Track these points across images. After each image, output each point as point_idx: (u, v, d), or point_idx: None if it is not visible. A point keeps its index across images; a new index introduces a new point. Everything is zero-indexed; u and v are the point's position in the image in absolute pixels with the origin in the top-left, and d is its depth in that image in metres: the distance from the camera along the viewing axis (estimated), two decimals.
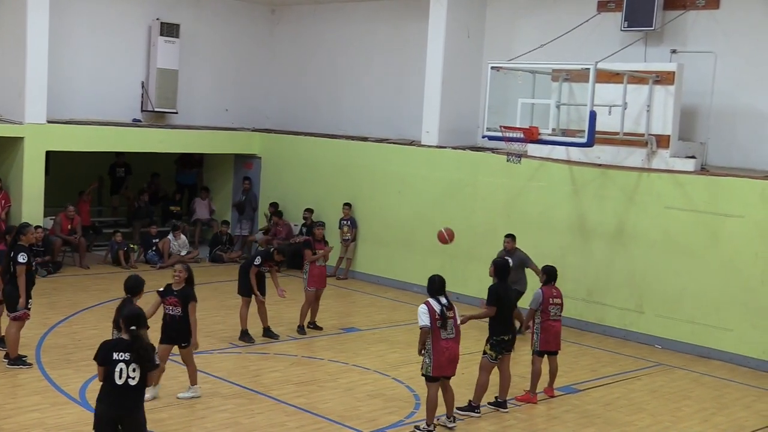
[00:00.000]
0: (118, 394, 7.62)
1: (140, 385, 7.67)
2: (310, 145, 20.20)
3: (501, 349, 10.84)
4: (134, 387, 7.62)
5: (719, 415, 11.52)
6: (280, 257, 13.90)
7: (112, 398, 7.64)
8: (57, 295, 15.56)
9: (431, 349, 9.95)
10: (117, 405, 7.63)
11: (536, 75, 15.07)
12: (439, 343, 9.93)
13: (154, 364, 7.76)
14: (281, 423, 10.24)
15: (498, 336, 10.80)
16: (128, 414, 7.66)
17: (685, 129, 15.14)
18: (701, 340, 14.31)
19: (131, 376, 7.59)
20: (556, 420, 11.03)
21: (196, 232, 21.07)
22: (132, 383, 7.60)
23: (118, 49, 19.69)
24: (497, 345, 10.81)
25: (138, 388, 7.66)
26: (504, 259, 11.29)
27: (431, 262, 16.41)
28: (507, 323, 10.92)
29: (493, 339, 10.82)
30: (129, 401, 7.65)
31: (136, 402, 7.71)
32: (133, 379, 7.60)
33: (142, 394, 7.79)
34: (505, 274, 11.04)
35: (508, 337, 10.87)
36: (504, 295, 10.91)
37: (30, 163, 17.75)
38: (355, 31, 20.47)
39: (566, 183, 15.81)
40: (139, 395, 7.72)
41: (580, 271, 15.48)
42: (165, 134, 19.74)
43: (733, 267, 13.96)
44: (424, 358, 10.05)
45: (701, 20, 15.24)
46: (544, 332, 11.54)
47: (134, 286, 9.65)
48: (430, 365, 9.98)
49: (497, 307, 10.75)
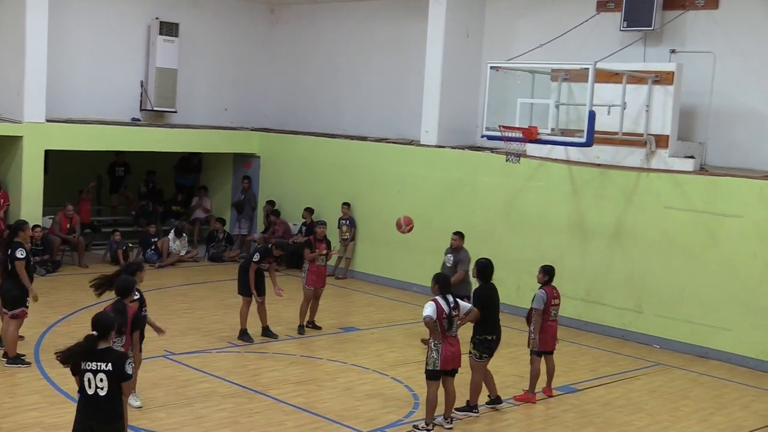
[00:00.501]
0: (89, 405, 7.39)
1: (111, 395, 7.32)
2: (309, 144, 20.20)
3: (485, 349, 10.78)
4: (105, 397, 7.31)
5: (718, 415, 11.53)
6: (278, 252, 13.80)
7: (84, 409, 7.44)
8: (56, 294, 15.55)
9: (439, 344, 9.97)
10: (89, 415, 7.41)
11: (535, 75, 15.07)
12: (446, 339, 10.01)
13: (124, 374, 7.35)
14: (280, 422, 10.24)
15: (481, 335, 10.77)
16: (100, 425, 7.39)
17: (684, 129, 15.15)
18: (700, 340, 14.32)
19: (99, 386, 7.31)
20: (554, 420, 11.04)
21: (195, 231, 21.08)
22: (101, 393, 7.31)
23: (117, 48, 19.69)
24: (480, 344, 10.77)
25: (109, 398, 7.32)
26: (486, 259, 11.15)
27: (430, 262, 16.35)
28: (492, 324, 10.85)
29: (476, 338, 10.79)
30: (100, 412, 7.36)
31: (108, 413, 7.37)
32: (102, 390, 7.30)
33: (116, 404, 7.40)
34: (487, 274, 10.98)
35: (492, 338, 10.81)
36: (487, 295, 10.89)
37: (29, 162, 17.75)
38: (355, 30, 20.47)
39: (565, 183, 15.82)
40: (111, 406, 7.36)
41: (579, 271, 15.48)
42: (164, 133, 19.74)
43: (731, 267, 13.96)
44: (431, 353, 10.06)
45: (700, 20, 15.25)
46: (543, 333, 11.51)
47: (125, 288, 9.50)
48: (438, 359, 10.00)
49: (480, 307, 10.74)
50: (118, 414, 7.46)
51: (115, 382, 7.31)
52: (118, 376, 7.31)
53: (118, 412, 7.46)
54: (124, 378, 7.36)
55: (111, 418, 7.40)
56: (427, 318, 9.93)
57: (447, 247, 13.88)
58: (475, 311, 10.50)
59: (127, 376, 7.39)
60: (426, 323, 9.98)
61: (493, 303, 10.98)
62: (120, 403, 7.45)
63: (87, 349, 7.34)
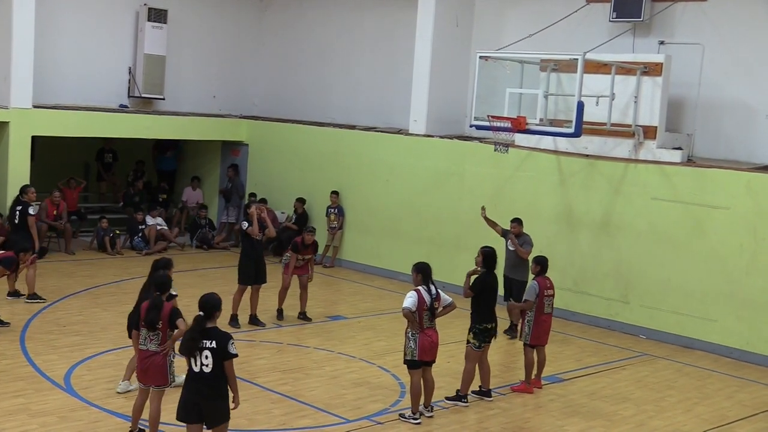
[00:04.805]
0: (195, 381, 7.82)
1: (215, 373, 7.75)
2: (297, 132, 20.15)
3: (484, 338, 10.83)
4: (209, 375, 7.75)
5: (702, 405, 11.60)
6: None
7: (190, 384, 7.88)
8: (42, 281, 15.46)
9: (416, 334, 9.99)
10: (195, 391, 7.83)
11: (524, 65, 15.07)
12: (424, 330, 10.02)
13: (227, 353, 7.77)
14: (267, 410, 10.25)
15: (481, 324, 10.79)
16: (206, 401, 7.82)
17: (672, 120, 15.19)
18: (685, 330, 14.39)
19: (204, 364, 7.75)
20: (540, 409, 11.08)
21: (183, 218, 21.01)
22: (206, 371, 7.75)
23: (105, 34, 19.59)
24: (480, 333, 10.80)
25: (213, 375, 7.75)
26: (491, 248, 11.18)
27: (417, 251, 16.41)
28: (489, 312, 10.88)
29: (476, 327, 10.82)
30: (203, 388, 7.79)
31: (213, 390, 7.81)
32: (207, 367, 7.74)
33: (220, 382, 7.82)
34: (491, 263, 11.01)
35: (490, 326, 10.85)
36: (489, 283, 10.90)
37: (15, 148, 17.64)
38: (344, 18, 20.41)
39: (553, 173, 15.84)
40: (215, 383, 7.79)
41: (567, 261, 15.52)
42: (152, 120, 19.66)
43: (718, 258, 14.03)
44: (408, 343, 10.07)
45: (689, 12, 15.27)
46: (537, 326, 11.52)
47: (163, 284, 9.17)
48: (416, 349, 10.01)
49: (477, 293, 10.75)
50: (223, 392, 7.89)
51: (219, 359, 7.74)
52: (222, 355, 7.75)
53: (223, 389, 7.88)
54: (228, 356, 7.78)
55: (216, 395, 7.85)
56: (405, 310, 9.95)
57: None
58: (455, 304, 10.44)
59: (230, 354, 7.80)
60: (404, 315, 10.00)
61: (492, 291, 11.00)
62: (224, 382, 7.85)
63: (200, 329, 7.85)
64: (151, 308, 8.91)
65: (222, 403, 7.91)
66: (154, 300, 9.01)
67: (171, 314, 8.88)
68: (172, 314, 8.88)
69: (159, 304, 8.94)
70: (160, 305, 8.93)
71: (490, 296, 10.92)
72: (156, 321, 8.84)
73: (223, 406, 7.94)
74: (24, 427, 9.32)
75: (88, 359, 11.64)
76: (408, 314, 9.95)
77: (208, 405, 7.85)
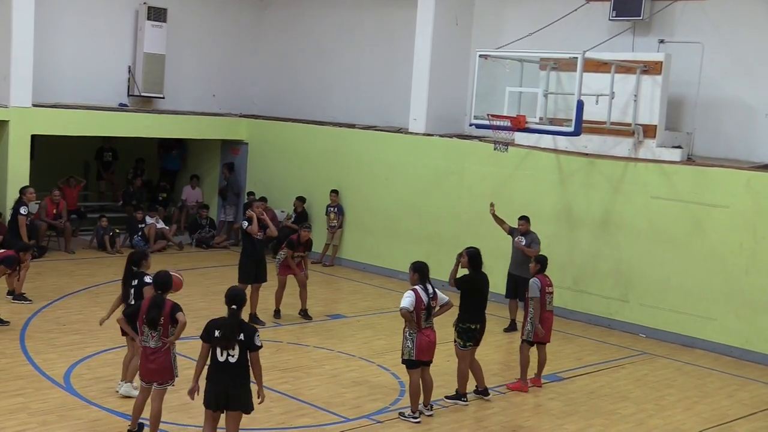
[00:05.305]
0: (220, 371, 8.08)
1: (241, 363, 8.05)
2: (297, 131, 20.15)
3: (468, 337, 10.74)
4: (235, 364, 8.03)
5: (702, 404, 11.60)
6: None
7: (216, 375, 8.12)
8: (42, 279, 15.49)
9: (414, 334, 9.98)
10: (220, 381, 8.08)
11: (524, 63, 15.06)
12: (421, 330, 10.02)
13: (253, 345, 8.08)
14: (266, 409, 10.22)
15: (464, 323, 10.73)
16: (233, 390, 8.08)
17: (672, 119, 15.19)
18: (685, 329, 14.39)
19: (231, 354, 8.03)
20: (540, 408, 11.08)
21: (183, 217, 21.01)
22: (232, 361, 8.03)
23: (104, 33, 19.57)
24: (464, 333, 10.73)
25: (239, 365, 8.04)
26: (475, 249, 11.09)
27: (417, 250, 16.40)
28: (476, 312, 10.80)
29: (459, 326, 10.75)
30: (229, 377, 8.06)
31: (238, 379, 8.09)
32: (233, 357, 8.03)
33: (245, 371, 8.11)
34: (476, 263, 10.93)
35: (475, 327, 10.75)
36: (474, 283, 10.84)
37: (15, 147, 17.64)
38: (344, 17, 20.40)
39: (553, 172, 15.84)
40: (241, 372, 8.08)
41: (566, 260, 15.52)
42: (152, 119, 19.66)
43: (717, 257, 14.03)
44: (406, 342, 10.07)
45: (689, 11, 15.27)
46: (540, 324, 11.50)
47: (164, 283, 9.12)
48: (413, 349, 10.01)
49: (463, 291, 10.72)
50: (247, 381, 8.18)
51: (245, 350, 8.07)
52: (249, 346, 8.09)
53: (247, 379, 8.17)
54: (253, 348, 8.12)
55: (241, 383, 8.14)
56: (403, 310, 9.94)
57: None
58: (452, 303, 10.41)
59: (256, 347, 8.13)
60: (402, 314, 9.99)
61: (480, 291, 10.93)
62: (248, 372, 8.16)
63: (236, 321, 8.18)
64: (152, 307, 8.92)
65: (245, 392, 8.19)
66: (155, 299, 9.02)
67: (172, 310, 8.91)
68: (172, 310, 8.92)
69: (160, 303, 8.95)
70: (161, 304, 8.95)
71: (478, 297, 10.87)
72: (158, 319, 8.88)
73: (247, 396, 8.21)
74: (24, 426, 9.32)
75: (87, 358, 11.65)
76: (406, 314, 9.95)
77: (235, 393, 8.13)
